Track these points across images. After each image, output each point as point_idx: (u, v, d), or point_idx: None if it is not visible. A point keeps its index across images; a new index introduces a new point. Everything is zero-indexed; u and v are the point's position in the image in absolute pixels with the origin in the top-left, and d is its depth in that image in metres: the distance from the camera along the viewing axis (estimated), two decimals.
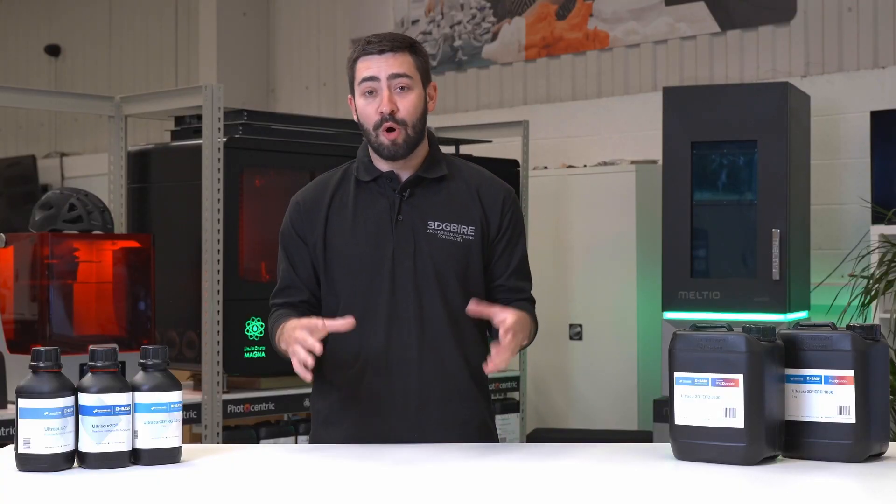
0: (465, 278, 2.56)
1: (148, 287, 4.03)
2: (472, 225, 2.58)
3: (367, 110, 2.53)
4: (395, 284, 2.52)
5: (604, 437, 5.22)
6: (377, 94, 2.52)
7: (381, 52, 2.52)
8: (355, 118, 2.60)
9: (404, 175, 2.58)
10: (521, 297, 2.63)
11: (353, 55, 2.57)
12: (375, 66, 2.52)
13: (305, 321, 2.41)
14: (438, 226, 2.56)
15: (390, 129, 2.51)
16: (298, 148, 4.43)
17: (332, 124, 4.75)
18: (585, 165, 6.11)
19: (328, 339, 2.43)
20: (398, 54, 2.52)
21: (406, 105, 2.52)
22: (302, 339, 2.35)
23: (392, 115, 2.50)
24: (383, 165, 2.58)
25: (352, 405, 2.56)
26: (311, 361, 2.34)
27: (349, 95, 2.61)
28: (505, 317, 2.38)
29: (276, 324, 2.58)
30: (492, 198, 2.61)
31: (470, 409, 2.59)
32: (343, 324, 2.40)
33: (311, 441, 2.66)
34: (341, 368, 2.55)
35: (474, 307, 2.43)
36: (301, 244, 2.61)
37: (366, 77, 2.52)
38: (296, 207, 2.64)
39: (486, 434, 2.61)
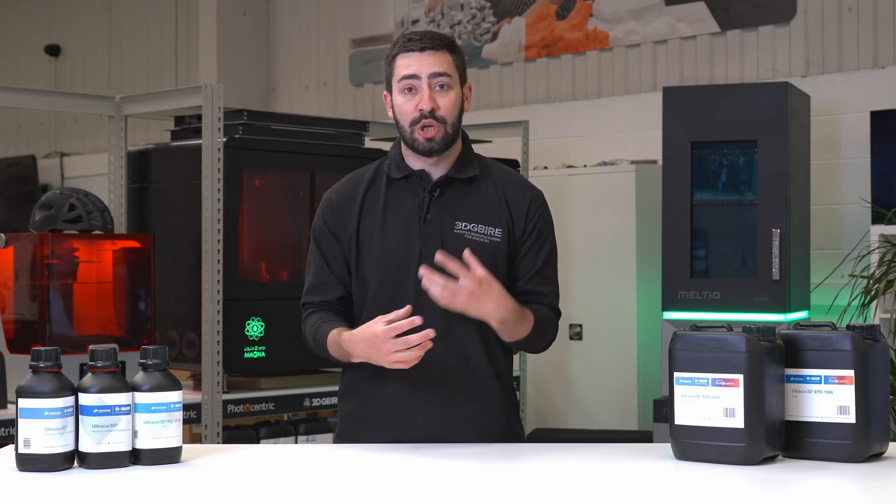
0: None
1: (148, 287, 4.03)
2: (500, 227, 2.57)
3: (405, 107, 2.52)
4: (420, 283, 2.51)
5: (604, 437, 5.22)
6: (417, 91, 2.51)
7: (421, 49, 2.51)
8: (390, 114, 2.59)
9: (436, 174, 2.58)
10: (539, 302, 2.60)
11: (392, 52, 2.56)
12: (416, 64, 2.51)
13: (373, 331, 2.37)
14: (465, 226, 2.55)
15: (427, 126, 2.50)
16: (298, 148, 4.43)
17: (332, 124, 4.75)
18: (585, 165, 6.11)
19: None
20: (438, 53, 2.52)
21: (445, 103, 2.52)
22: (398, 349, 2.34)
23: (432, 112, 2.50)
24: (415, 163, 2.58)
25: (376, 403, 2.56)
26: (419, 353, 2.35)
27: (384, 92, 2.60)
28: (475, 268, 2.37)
29: (322, 326, 2.55)
30: (518, 200, 2.60)
31: (493, 408, 2.58)
32: (403, 317, 2.36)
33: (337, 437, 2.67)
34: (367, 366, 2.55)
35: (440, 258, 2.39)
36: (334, 241, 2.60)
37: (406, 75, 2.51)
38: (329, 204, 2.63)
39: (510, 434, 2.60)
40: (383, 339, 2.34)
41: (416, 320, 2.34)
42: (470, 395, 2.55)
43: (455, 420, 2.53)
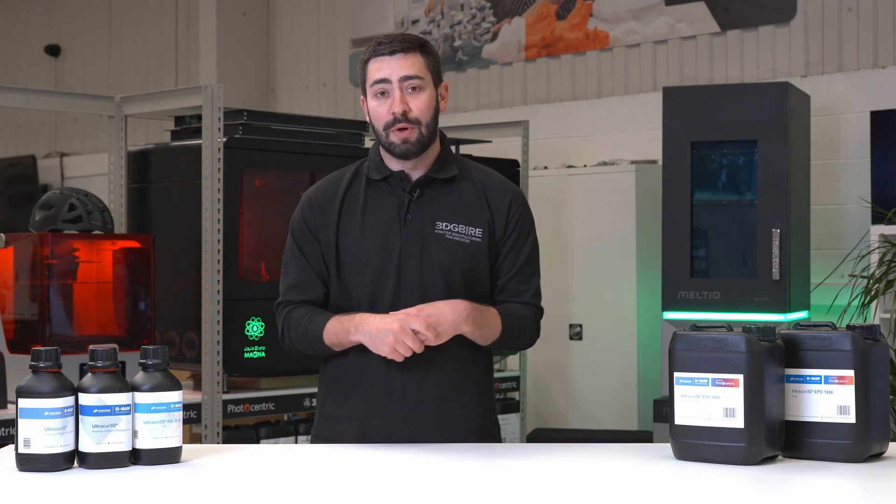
0: (471, 279, 2.56)
1: (148, 287, 4.03)
2: (480, 227, 2.58)
3: (378, 111, 2.54)
4: (400, 283, 2.54)
5: (604, 437, 5.22)
6: (389, 95, 2.53)
7: (391, 53, 2.52)
8: (367, 119, 2.60)
9: (415, 175, 2.59)
10: (518, 300, 2.62)
11: (364, 56, 2.57)
12: (387, 68, 2.52)
13: (392, 324, 2.43)
14: (446, 226, 2.56)
15: (402, 129, 2.51)
16: (298, 148, 4.43)
17: (332, 124, 4.75)
18: (585, 165, 6.11)
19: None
20: (409, 55, 2.53)
21: (418, 105, 2.53)
22: (406, 337, 2.41)
23: (405, 115, 2.51)
24: (394, 165, 2.59)
25: (354, 402, 2.58)
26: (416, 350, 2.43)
27: (361, 97, 2.62)
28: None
29: (315, 317, 2.57)
30: (499, 199, 2.62)
31: (469, 410, 2.59)
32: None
33: (314, 437, 2.67)
34: (346, 364, 2.56)
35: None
36: (313, 240, 2.62)
37: (377, 79, 2.53)
38: (308, 204, 2.64)
39: (485, 436, 2.61)
40: (399, 332, 2.40)
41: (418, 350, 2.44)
42: (446, 396, 2.56)
43: (431, 421, 2.55)
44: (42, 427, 2.09)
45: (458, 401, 2.57)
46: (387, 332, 2.41)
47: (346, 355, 2.57)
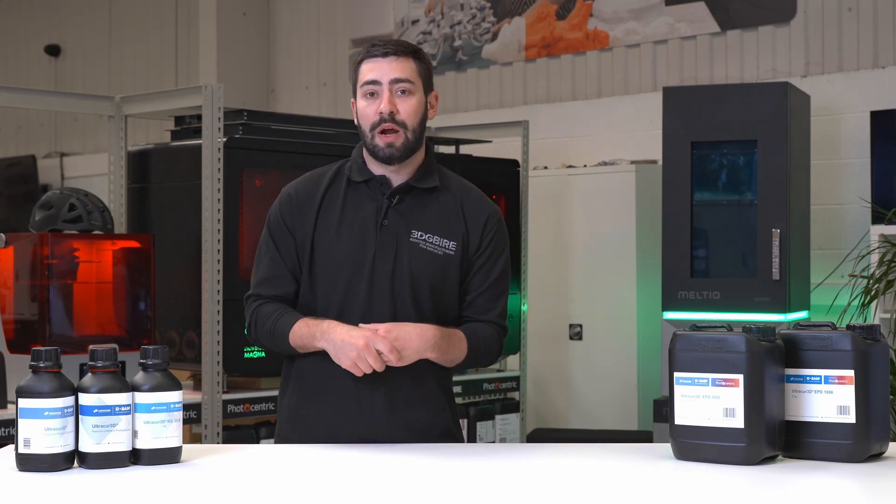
0: (440, 291, 2.57)
1: (148, 287, 4.03)
2: (455, 240, 2.59)
3: (367, 111, 2.55)
4: (372, 287, 2.54)
5: (604, 437, 5.22)
6: (378, 96, 2.54)
7: (385, 55, 2.53)
8: (356, 121, 2.61)
9: (396, 181, 2.59)
10: (484, 319, 2.62)
11: (358, 58, 2.59)
12: (378, 70, 2.53)
13: (356, 341, 2.42)
14: (421, 236, 2.57)
15: (387, 132, 2.52)
16: (298, 148, 4.43)
17: (332, 124, 4.75)
18: (585, 165, 6.11)
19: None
20: (402, 59, 2.54)
21: (406, 108, 2.54)
22: (369, 355, 2.41)
23: (392, 116, 2.51)
24: (377, 169, 2.59)
25: (320, 404, 2.58)
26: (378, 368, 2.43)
27: (352, 99, 2.62)
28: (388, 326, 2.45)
29: (283, 315, 2.57)
30: (475, 215, 2.62)
31: (435, 415, 2.60)
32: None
33: (277, 437, 2.67)
34: (312, 366, 2.57)
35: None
36: (289, 236, 2.62)
37: (368, 80, 2.54)
38: (287, 199, 2.65)
39: (449, 440, 2.62)
40: (363, 349, 2.40)
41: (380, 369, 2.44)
42: (414, 400, 2.57)
43: (398, 424, 2.55)
44: (42, 427, 2.09)
45: (424, 406, 2.58)
46: (350, 347, 2.42)
47: (312, 357, 2.57)
